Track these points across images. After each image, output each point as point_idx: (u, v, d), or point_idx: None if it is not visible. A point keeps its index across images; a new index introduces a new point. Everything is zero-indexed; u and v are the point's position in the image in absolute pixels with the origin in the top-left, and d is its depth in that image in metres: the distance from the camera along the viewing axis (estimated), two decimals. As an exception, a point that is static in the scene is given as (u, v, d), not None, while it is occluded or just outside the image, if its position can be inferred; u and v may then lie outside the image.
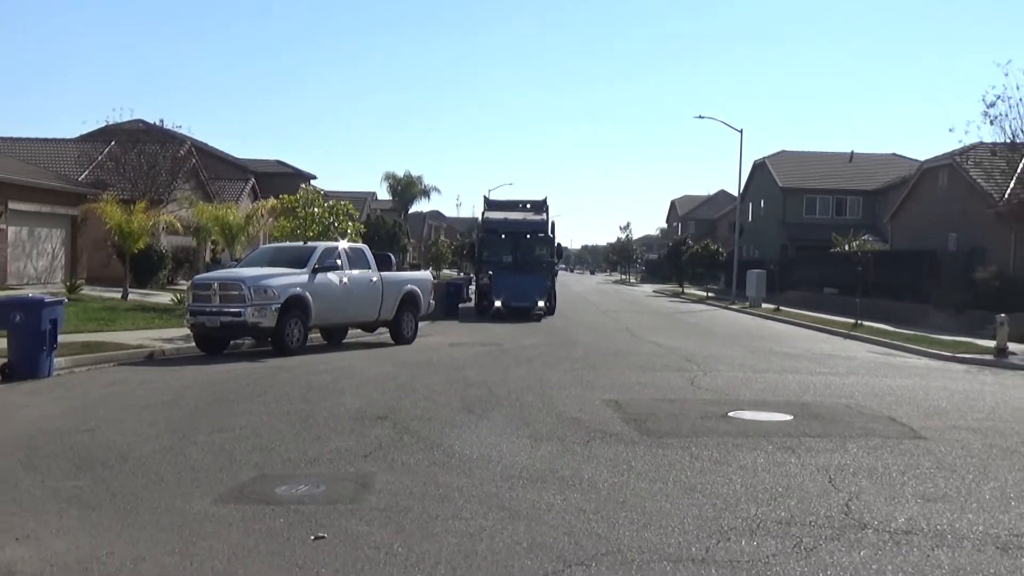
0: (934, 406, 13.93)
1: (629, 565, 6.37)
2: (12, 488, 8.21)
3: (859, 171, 65.03)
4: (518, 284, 33.27)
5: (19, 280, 35.08)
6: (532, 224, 37.58)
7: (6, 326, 15.29)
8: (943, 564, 6.55)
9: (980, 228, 36.52)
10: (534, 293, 33.18)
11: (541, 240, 37.01)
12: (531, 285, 33.54)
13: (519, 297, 32.77)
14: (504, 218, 38.07)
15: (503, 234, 37.06)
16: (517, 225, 37.50)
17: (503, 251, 36.45)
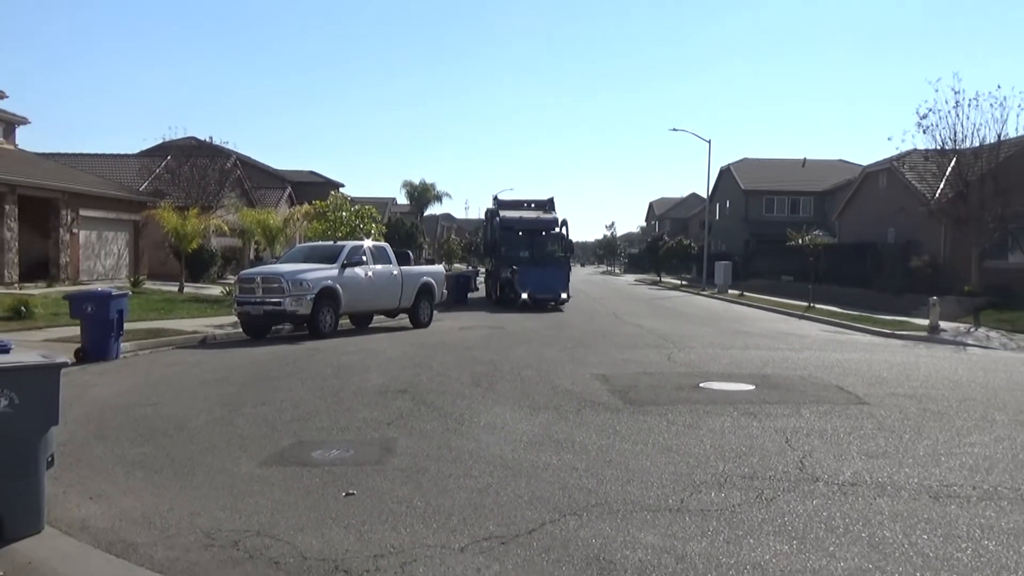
0: (876, 376, 13.94)
1: (615, 514, 6.40)
2: (86, 455, 8.24)
3: (811, 175, 64.88)
4: (542, 278, 31.63)
5: (90, 277, 35.12)
6: (546, 222, 35.90)
7: (79, 316, 15.31)
8: (884, 511, 6.58)
9: (915, 223, 36.49)
10: (557, 286, 31.79)
11: (555, 236, 35.30)
12: (554, 278, 32.04)
13: (544, 290, 31.42)
14: (519, 216, 36.11)
15: (520, 231, 35.12)
16: (532, 223, 35.70)
17: (520, 247, 34.21)
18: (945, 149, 30.47)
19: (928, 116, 29.96)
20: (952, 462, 8.17)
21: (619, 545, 5.72)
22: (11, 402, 5.58)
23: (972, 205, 29.85)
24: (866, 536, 5.97)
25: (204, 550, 5.65)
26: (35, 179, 32.32)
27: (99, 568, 5.34)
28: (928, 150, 31.46)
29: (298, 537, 5.85)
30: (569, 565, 5.37)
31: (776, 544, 5.77)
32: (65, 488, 6.93)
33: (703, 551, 5.63)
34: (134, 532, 6.01)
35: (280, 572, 5.26)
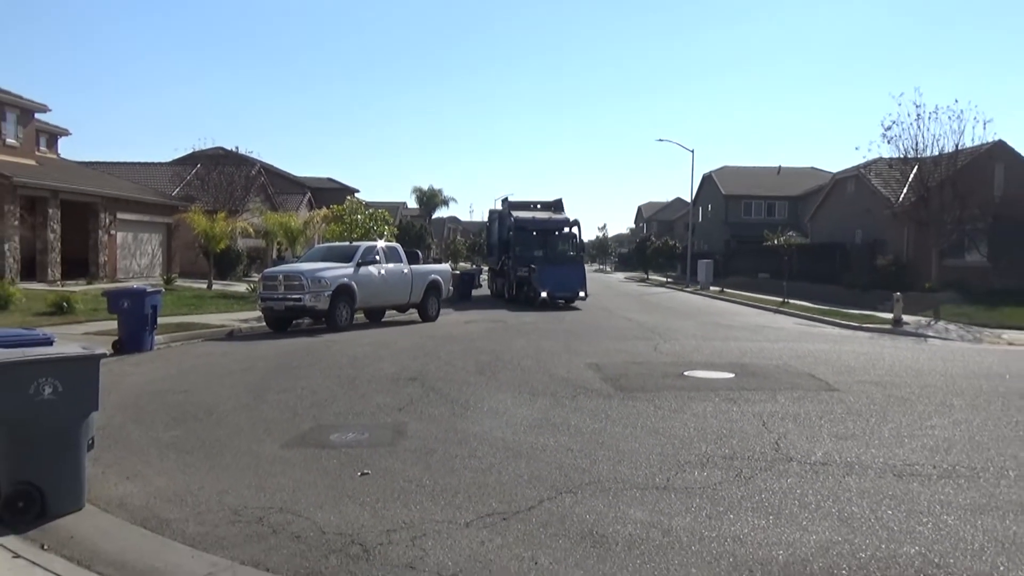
0: (845, 365, 13.93)
1: (607, 492, 6.40)
2: (123, 438, 8.24)
3: (785, 181, 64.79)
4: (560, 276, 29.63)
5: (126, 275, 35.09)
6: (558, 222, 33.45)
7: (117, 311, 15.29)
8: (852, 488, 6.59)
9: (880, 226, 36.48)
10: (575, 284, 29.87)
11: (567, 236, 32.85)
12: (572, 277, 30.08)
13: (563, 288, 29.53)
14: (533, 217, 33.46)
15: (534, 231, 32.55)
16: (546, 223, 33.17)
17: (534, 247, 31.69)
18: (908, 158, 30.55)
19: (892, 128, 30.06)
20: (914, 443, 8.17)
21: (611, 520, 5.72)
22: (55, 389, 5.58)
23: (932, 209, 29.91)
24: (836, 511, 5.98)
25: (231, 525, 5.65)
26: (76, 185, 32.26)
27: (135, 542, 5.34)
28: (892, 158, 31.57)
29: (317, 513, 5.85)
30: (565, 539, 5.37)
31: (754, 519, 5.78)
32: (104, 468, 6.93)
33: (687, 525, 5.63)
34: (167, 509, 6.01)
35: (301, 545, 5.25)
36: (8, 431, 5.53)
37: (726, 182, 65.45)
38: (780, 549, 5.20)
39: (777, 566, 4.93)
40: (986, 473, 7.11)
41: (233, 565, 4.92)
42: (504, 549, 5.18)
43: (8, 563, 4.79)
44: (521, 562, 4.97)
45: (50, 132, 38.53)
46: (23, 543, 5.13)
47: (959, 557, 5.11)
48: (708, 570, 4.87)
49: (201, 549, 5.20)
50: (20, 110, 32.12)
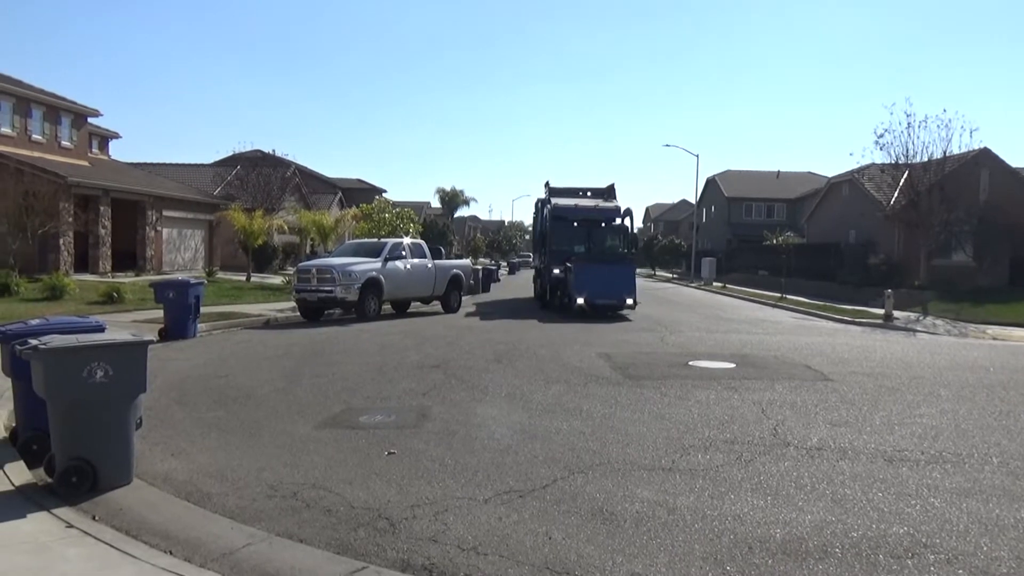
0: (839, 357, 13.82)
1: (616, 472, 6.38)
2: (168, 417, 8.30)
3: (784, 185, 64.35)
4: (603, 278, 21.76)
5: (171, 268, 35.34)
6: (606, 212, 25.28)
7: (163, 301, 15.41)
8: (845, 471, 6.53)
9: (873, 227, 36.20)
10: (621, 289, 21.60)
11: (615, 229, 24.95)
12: (617, 279, 21.84)
13: (604, 293, 21.52)
14: (575, 204, 25.57)
15: (575, 222, 24.87)
16: (590, 212, 25.18)
17: (575, 241, 24.42)
18: (899, 163, 30.52)
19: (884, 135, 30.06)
20: (904, 431, 8.10)
21: (619, 499, 5.70)
22: (106, 373, 5.62)
23: (922, 211, 29.80)
24: (830, 493, 5.93)
25: (268, 499, 5.68)
26: (125, 185, 32.52)
27: (179, 514, 5.37)
28: (884, 164, 31.51)
29: (347, 489, 5.87)
30: (577, 515, 5.36)
31: (753, 499, 5.74)
32: (151, 446, 6.98)
33: (691, 504, 5.60)
34: (209, 484, 6.05)
35: (332, 519, 5.27)
36: (64, 411, 5.58)
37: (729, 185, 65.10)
38: (778, 527, 5.17)
39: (775, 543, 4.90)
40: (971, 459, 7.03)
41: (269, 536, 4.94)
42: (520, 525, 5.18)
43: (62, 532, 4.83)
44: (536, 537, 4.97)
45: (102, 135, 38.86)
46: (76, 514, 5.17)
47: (945, 537, 5.06)
48: (710, 546, 4.85)
49: (240, 521, 5.22)
50: (74, 115, 32.40)
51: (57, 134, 31.25)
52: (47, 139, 30.57)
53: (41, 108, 30.32)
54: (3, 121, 28.25)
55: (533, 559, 4.62)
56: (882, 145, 30.27)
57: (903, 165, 30.37)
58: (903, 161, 30.20)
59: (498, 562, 4.58)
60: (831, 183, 45.47)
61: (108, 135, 39.81)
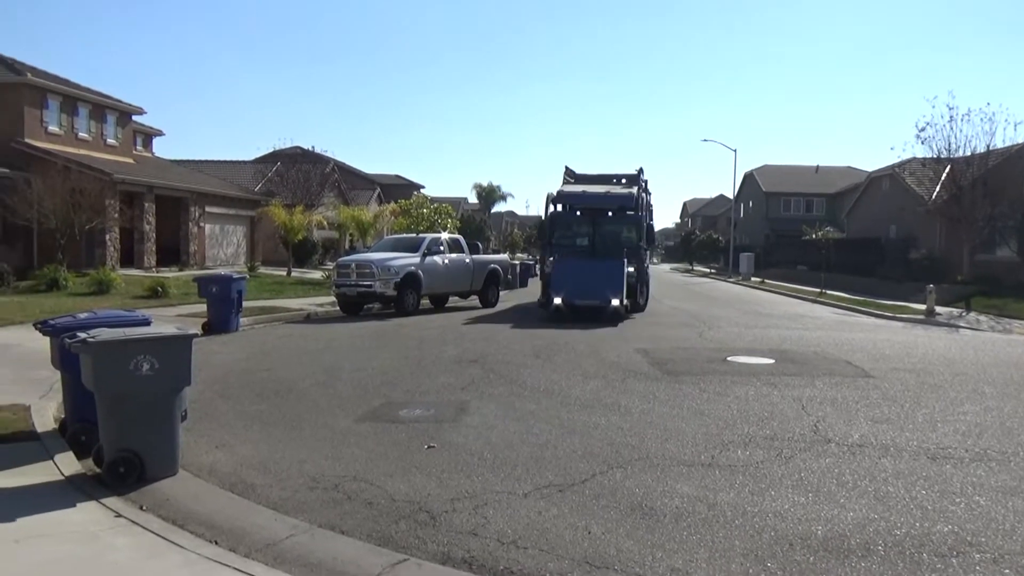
0: (880, 353, 13.54)
1: (655, 467, 6.33)
2: (213, 410, 8.43)
3: (823, 179, 63.34)
4: (586, 275, 19.07)
5: (214, 263, 35.87)
6: (616, 199, 21.57)
7: (206, 295, 15.66)
8: (887, 468, 6.41)
9: (914, 222, 35.50)
10: (606, 288, 18.45)
11: (626, 219, 21.16)
12: (603, 277, 18.87)
13: (585, 293, 18.58)
14: (583, 191, 22.24)
15: (579, 211, 21.71)
16: (597, 200, 21.73)
17: (578, 232, 21.43)
18: (941, 158, 29.91)
19: (926, 129, 29.49)
20: (947, 428, 7.91)
21: (659, 494, 5.66)
22: (152, 366, 5.72)
23: (964, 206, 29.18)
24: (872, 490, 5.82)
25: (310, 491, 5.74)
26: (169, 181, 33.10)
27: (224, 505, 5.45)
28: (926, 158, 30.88)
29: (388, 482, 5.90)
30: (616, 510, 5.33)
31: (794, 496, 5.66)
32: (196, 438, 7.09)
33: (731, 500, 5.54)
34: (253, 475, 6.13)
35: (373, 511, 5.31)
36: (111, 404, 5.70)
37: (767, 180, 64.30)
38: (819, 524, 5.09)
39: (816, 540, 4.82)
40: (1016, 457, 6.84)
41: (312, 528, 4.99)
42: (560, 519, 5.16)
43: (111, 521, 4.93)
44: (576, 531, 4.95)
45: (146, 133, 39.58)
46: (124, 504, 5.28)
47: (990, 536, 4.94)
48: (751, 542, 4.79)
49: (283, 512, 5.28)
50: (119, 113, 33.04)
51: (103, 132, 31.90)
52: (93, 137, 31.22)
53: (87, 107, 30.96)
54: (51, 120, 28.91)
55: (573, 553, 4.61)
56: (923, 139, 29.69)
57: (945, 159, 29.74)
58: (945, 155, 29.58)
59: (538, 556, 4.57)
60: (871, 177, 44.66)
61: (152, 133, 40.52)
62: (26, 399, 8.09)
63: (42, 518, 4.92)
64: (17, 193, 23.19)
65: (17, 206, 23.05)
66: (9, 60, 28.69)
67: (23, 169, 24.91)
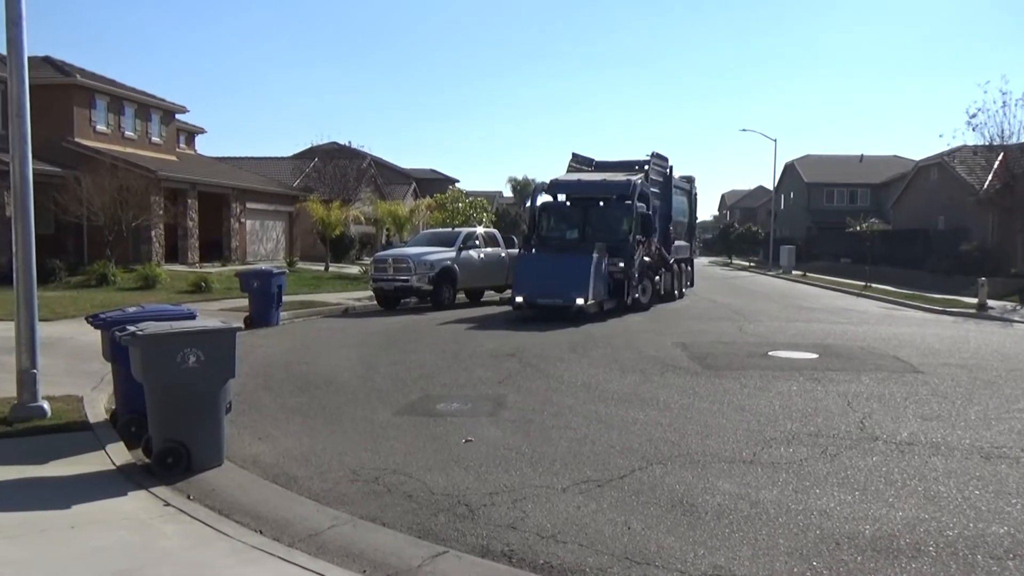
0: (929, 348, 13.27)
1: (696, 464, 6.29)
2: (255, 403, 8.58)
3: (867, 169, 62.00)
4: (549, 272, 17.19)
5: (254, 258, 36.39)
6: (610, 187, 19.66)
7: (248, 290, 15.90)
8: (938, 467, 6.28)
9: (964, 212, 34.59)
10: (569, 286, 16.61)
11: (619, 209, 19.11)
12: (567, 274, 16.93)
13: (548, 291, 16.79)
14: (578, 180, 20.75)
15: (569, 200, 20.24)
16: (591, 188, 20.08)
17: (567, 224, 19.74)
18: (993, 145, 29.02)
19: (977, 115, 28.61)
20: (1002, 426, 7.72)
21: (700, 491, 5.62)
22: (198, 359, 5.84)
23: (1018, 195, 28.36)
24: (922, 490, 5.71)
25: (351, 483, 5.81)
26: (211, 178, 33.65)
27: (267, 496, 5.55)
28: (977, 146, 30.02)
29: (427, 475, 5.95)
30: (656, 506, 5.31)
31: (840, 494, 5.58)
32: (239, 430, 7.23)
33: (774, 498, 5.48)
34: (294, 467, 6.23)
35: (413, 504, 5.36)
36: (160, 395, 5.83)
37: (808, 170, 63.18)
38: (867, 524, 5.01)
39: (864, 540, 4.75)
40: (1077, 457, 6.66)
41: (353, 519, 5.05)
42: (599, 514, 5.16)
43: (160, 510, 5.05)
44: (615, 526, 4.94)
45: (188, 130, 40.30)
46: (172, 493, 5.40)
47: (1050, 538, 4.81)
48: (795, 541, 4.73)
49: (324, 504, 5.37)
50: (163, 112, 33.69)
51: (148, 130, 32.56)
52: (139, 136, 31.87)
53: (133, 106, 31.62)
54: (99, 119, 29.59)
55: (612, 548, 4.60)
56: (975, 126, 28.82)
57: (998, 147, 28.89)
58: (998, 142, 28.73)
59: (577, 551, 4.57)
60: (919, 167, 43.63)
61: (194, 130, 41.23)
62: (79, 390, 8.31)
63: (95, 506, 5.06)
64: (68, 191, 23.79)
65: (68, 204, 23.64)
66: (59, 62, 29.39)
67: (73, 168, 25.52)
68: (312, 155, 43.13)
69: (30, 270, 7.31)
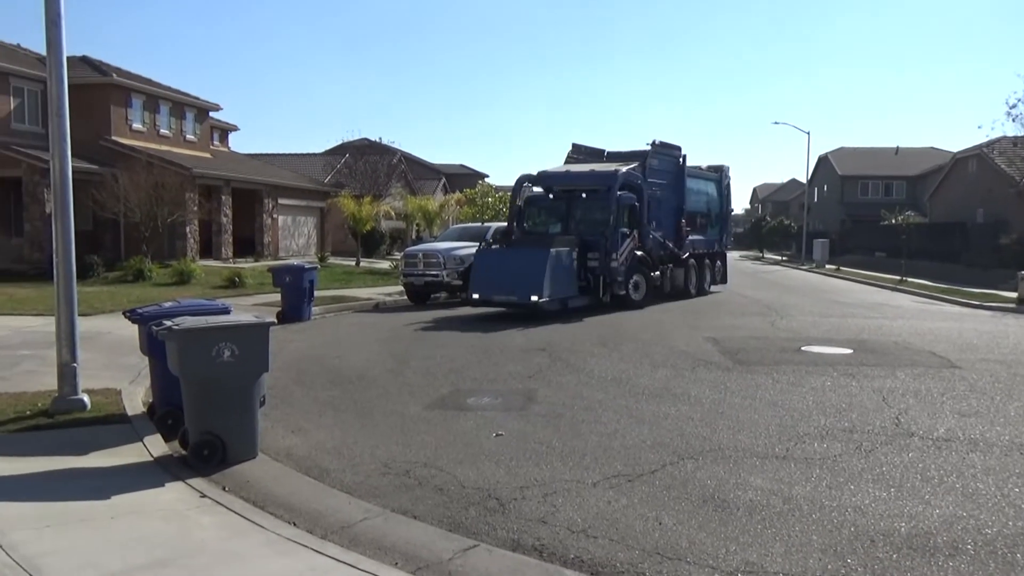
0: (967, 343, 13.02)
1: (727, 459, 6.25)
2: (288, 396, 8.67)
3: (903, 161, 60.90)
4: (504, 268, 16.26)
5: (286, 253, 36.74)
6: (595, 177, 18.72)
7: (280, 285, 16.09)
8: (976, 464, 6.17)
9: (1003, 204, 33.87)
10: (523, 283, 15.73)
11: (604, 200, 17.82)
12: (522, 270, 16.01)
13: (502, 287, 16.02)
14: (566, 170, 19.91)
15: (551, 193, 19.41)
16: (576, 179, 19.11)
17: (551, 218, 19.04)
18: (1034, 135, 28.39)
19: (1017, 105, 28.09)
20: (1043, 422, 7.56)
21: (731, 486, 5.58)
22: (232, 353, 5.92)
23: (1061, 187, 27.67)
24: (960, 487, 5.61)
25: (382, 476, 5.86)
26: (244, 175, 34.02)
27: (300, 488, 5.62)
28: (1017, 136, 29.46)
29: (457, 469, 5.98)
30: (688, 501, 5.28)
31: (875, 491, 5.50)
32: (273, 423, 7.31)
33: (808, 494, 5.42)
34: (327, 460, 6.29)
35: (444, 497, 5.39)
36: (196, 388, 5.93)
37: (842, 163, 62.24)
38: (902, 521, 4.94)
39: (900, 537, 4.68)
40: (1122, 454, 6.50)
41: (385, 512, 5.10)
42: (630, 509, 5.15)
43: (197, 501, 5.14)
44: (646, 521, 4.92)
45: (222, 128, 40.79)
46: (208, 485, 5.49)
47: (1093, 537, 4.70)
48: (829, 537, 4.68)
49: (357, 496, 5.42)
50: (197, 109, 34.12)
51: (182, 128, 33.00)
52: (174, 133, 32.32)
53: (168, 104, 32.07)
54: (135, 118, 30.07)
55: (643, 544, 4.59)
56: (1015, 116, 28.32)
57: (1038, 137, 28.33)
58: (1039, 133, 28.16)
59: (608, 545, 4.57)
60: (956, 158, 42.80)
61: (227, 128, 41.72)
62: (117, 384, 8.48)
63: (134, 496, 5.16)
64: (106, 188, 24.26)
65: (106, 201, 24.10)
66: (96, 62, 29.90)
67: (110, 165, 25.99)
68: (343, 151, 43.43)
69: (70, 266, 7.46)
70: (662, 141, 20.81)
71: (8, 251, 25.37)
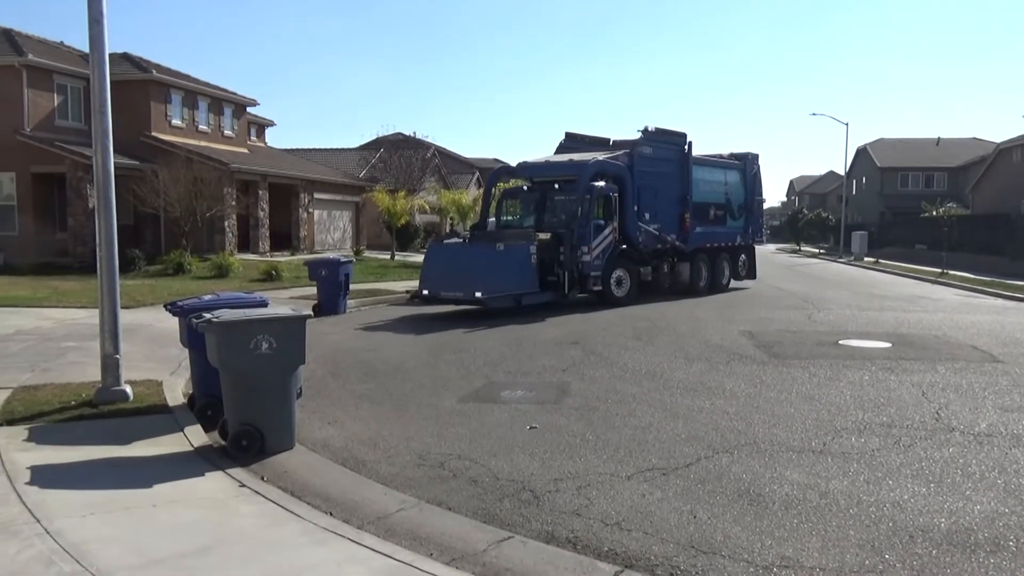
0: (1010, 337, 12.72)
1: (763, 453, 6.19)
2: (324, 388, 8.77)
3: (944, 152, 59.60)
4: (452, 264, 15.69)
5: (322, 247, 37.08)
6: (571, 167, 17.87)
7: (316, 278, 16.24)
8: (1019, 460, 6.04)
9: (1050, 195, 32.98)
10: (470, 279, 15.10)
11: (577, 191, 16.99)
12: (468, 265, 15.51)
13: (450, 283, 15.39)
14: (545, 160, 19.21)
15: (526, 186, 19.01)
16: (552, 170, 18.46)
17: (526, 210, 18.30)
18: (1083, 124, 27.49)
19: (1066, 93, 27.08)
20: (1090, 418, 7.36)
21: (767, 480, 5.53)
22: (270, 345, 6.00)
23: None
24: (1002, 483, 5.50)
25: (417, 468, 5.90)
26: (280, 170, 34.40)
27: (337, 478, 5.69)
28: (1065, 125, 28.44)
29: (491, 461, 6.00)
30: (723, 495, 5.25)
31: (914, 486, 5.41)
32: (309, 415, 7.40)
33: (845, 489, 5.36)
34: (363, 451, 6.36)
35: (478, 489, 5.42)
36: (234, 380, 6.03)
37: (881, 154, 61.09)
38: (942, 517, 4.85)
39: (939, 533, 4.60)
40: None
41: (420, 503, 5.14)
42: (664, 502, 5.13)
43: (236, 490, 5.23)
44: (680, 515, 4.90)
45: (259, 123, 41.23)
46: (247, 474, 5.58)
47: None
48: (867, 533, 4.62)
49: (392, 487, 5.47)
50: (235, 105, 34.56)
51: (220, 124, 33.46)
52: (212, 129, 32.79)
53: (206, 100, 32.54)
54: (174, 114, 30.55)
55: (678, 537, 4.57)
56: (1062, 105, 27.44)
57: (1088, 127, 27.45)
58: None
59: (642, 539, 4.56)
60: (1000, 149, 41.76)
61: (264, 123, 42.17)
62: (158, 375, 8.65)
63: (175, 485, 5.27)
64: (146, 184, 24.70)
65: (146, 196, 24.55)
66: (136, 58, 30.42)
67: (151, 161, 26.44)
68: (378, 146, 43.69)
69: (113, 260, 7.61)
70: (658, 127, 19.71)
71: (53, 245, 25.95)
